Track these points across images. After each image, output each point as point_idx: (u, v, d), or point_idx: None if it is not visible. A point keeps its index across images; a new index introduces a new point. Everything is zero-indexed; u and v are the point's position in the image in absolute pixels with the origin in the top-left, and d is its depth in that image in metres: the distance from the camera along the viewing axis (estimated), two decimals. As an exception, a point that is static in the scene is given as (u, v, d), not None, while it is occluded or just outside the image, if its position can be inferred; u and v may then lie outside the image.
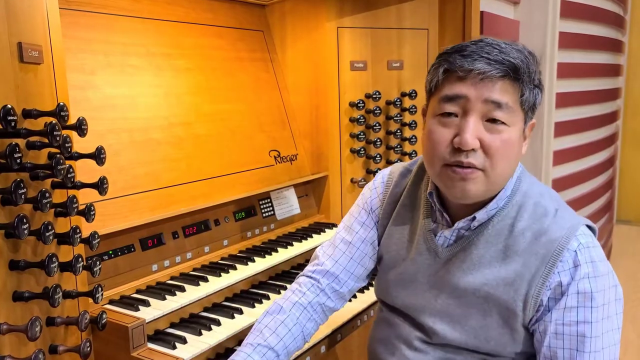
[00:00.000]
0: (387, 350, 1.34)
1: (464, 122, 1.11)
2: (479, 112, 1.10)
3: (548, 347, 1.13)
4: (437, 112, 1.16)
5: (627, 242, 5.55)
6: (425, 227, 1.29)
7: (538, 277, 1.13)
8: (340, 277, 1.39)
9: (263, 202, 2.21)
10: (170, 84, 1.95)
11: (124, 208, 1.66)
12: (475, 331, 1.19)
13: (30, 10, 1.21)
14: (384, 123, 2.47)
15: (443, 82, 1.15)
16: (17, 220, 1.09)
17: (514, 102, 1.11)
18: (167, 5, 2.02)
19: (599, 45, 4.45)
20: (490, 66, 1.08)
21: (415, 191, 1.36)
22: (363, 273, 1.42)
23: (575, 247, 1.12)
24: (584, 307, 1.10)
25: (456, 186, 1.14)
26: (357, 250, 1.40)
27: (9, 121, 1.09)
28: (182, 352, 1.42)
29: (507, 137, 1.11)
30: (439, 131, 1.14)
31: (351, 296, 1.47)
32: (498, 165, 1.12)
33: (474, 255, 1.20)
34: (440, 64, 1.16)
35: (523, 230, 1.17)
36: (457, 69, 1.11)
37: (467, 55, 1.10)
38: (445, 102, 1.14)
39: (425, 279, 1.27)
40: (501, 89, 1.10)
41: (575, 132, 4.18)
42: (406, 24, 2.46)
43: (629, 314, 3.93)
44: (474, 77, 1.10)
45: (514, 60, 1.09)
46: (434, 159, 1.16)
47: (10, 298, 1.15)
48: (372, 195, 1.43)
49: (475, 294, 1.18)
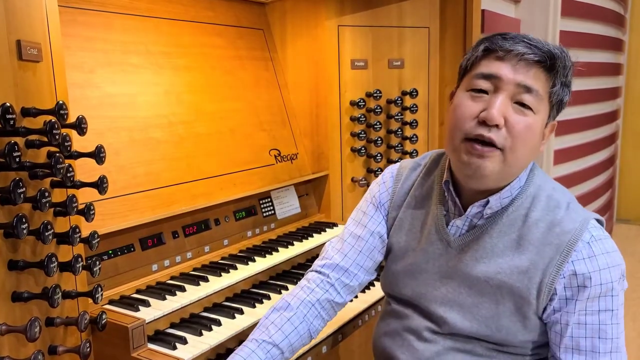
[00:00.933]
0: (396, 343, 1.33)
1: (494, 98, 1.14)
2: (510, 92, 1.13)
3: (570, 338, 1.16)
4: (469, 88, 1.19)
5: (626, 241, 5.56)
6: (437, 217, 1.30)
7: (552, 266, 1.15)
8: (350, 270, 1.39)
9: (263, 201, 2.20)
10: (170, 82, 1.94)
11: (124, 207, 1.65)
12: (487, 320, 1.20)
13: (29, 8, 1.20)
14: (384, 122, 2.46)
15: (481, 59, 1.18)
16: (16, 219, 1.08)
17: (544, 91, 1.15)
18: (166, 4, 2.01)
19: (599, 44, 4.45)
20: (530, 49, 1.12)
21: (426, 182, 1.37)
22: (372, 266, 1.43)
23: (588, 239, 1.15)
24: (605, 297, 1.14)
25: (472, 162, 1.15)
26: (365, 243, 1.40)
27: (8, 119, 1.08)
28: (182, 353, 1.41)
29: (531, 122, 1.14)
30: (468, 104, 1.17)
31: (360, 290, 1.48)
32: (517, 148, 1.14)
33: (488, 244, 1.21)
34: (481, 42, 1.19)
35: (537, 220, 1.19)
36: (497, 48, 1.15)
37: (509, 38, 1.15)
38: (479, 78, 1.17)
39: (436, 269, 1.29)
40: (535, 75, 1.13)
41: (575, 131, 4.17)
42: (407, 22, 2.45)
43: (629, 312, 3.93)
44: (512, 59, 1.13)
45: (553, 50, 1.13)
46: (456, 131, 1.18)
47: (9, 298, 1.14)
48: (380, 189, 1.44)
49: (488, 282, 1.20)
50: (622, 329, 1.17)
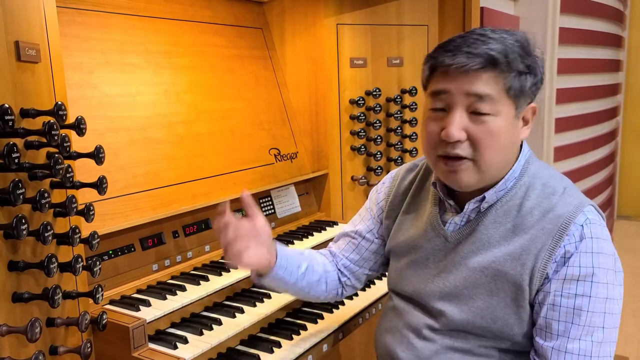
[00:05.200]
0: (396, 340, 1.35)
1: (450, 116, 1.16)
2: (463, 104, 1.15)
3: (544, 318, 1.15)
4: (429, 107, 1.22)
5: (627, 238, 5.55)
6: (433, 216, 1.32)
7: (544, 250, 1.15)
8: (350, 267, 1.49)
9: (264, 200, 2.20)
10: (170, 82, 1.94)
11: (124, 207, 1.65)
12: (482, 312, 1.21)
13: (27, 9, 1.20)
14: (384, 120, 2.46)
15: (429, 78, 1.21)
16: (16, 220, 1.08)
17: (498, 92, 1.14)
18: (164, 3, 2.00)
19: (599, 40, 4.45)
20: (469, 59, 1.12)
21: (423, 183, 1.41)
22: (373, 265, 1.50)
23: (583, 221, 1.14)
24: (584, 282, 1.12)
25: (449, 177, 1.20)
26: (363, 238, 1.48)
27: (7, 121, 1.08)
28: (183, 352, 1.41)
29: (492, 127, 1.14)
30: (430, 125, 1.21)
31: (364, 284, 1.58)
32: (485, 154, 1.15)
33: (484, 235, 1.22)
34: (427, 60, 1.21)
35: (531, 208, 1.19)
36: (439, 65, 1.16)
37: (449, 50, 1.15)
38: (433, 97, 1.20)
39: (435, 264, 1.30)
40: (483, 80, 1.13)
41: (575, 128, 4.17)
42: (406, 20, 2.45)
43: (631, 309, 3.93)
44: (454, 71, 1.13)
45: (491, 52, 1.12)
46: (428, 151, 1.23)
47: (9, 299, 1.14)
48: (379, 190, 1.51)
49: (483, 272, 1.21)
50: (610, 325, 1.12)
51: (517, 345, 1.22)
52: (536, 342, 1.17)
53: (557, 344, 1.13)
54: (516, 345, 1.22)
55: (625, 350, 3.44)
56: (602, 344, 1.12)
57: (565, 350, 1.12)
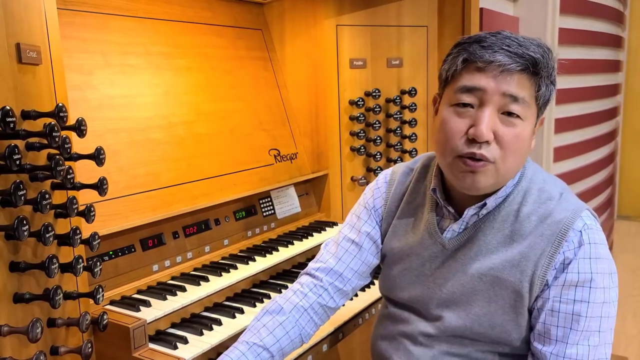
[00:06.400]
0: (392, 347, 1.34)
1: (480, 114, 1.11)
2: (496, 104, 1.11)
3: (543, 324, 1.15)
4: (452, 102, 1.16)
5: (627, 238, 5.55)
6: (430, 222, 1.30)
7: (544, 257, 1.14)
8: (343, 275, 1.38)
9: (263, 201, 2.20)
10: (170, 83, 1.94)
11: (125, 208, 1.66)
12: (480, 318, 1.20)
13: (28, 11, 1.20)
14: (383, 121, 2.46)
15: (461, 72, 1.14)
16: (17, 221, 1.08)
17: (530, 97, 1.12)
18: (164, 5, 2.01)
19: (598, 41, 4.44)
20: (511, 59, 1.08)
21: (418, 188, 1.37)
22: (366, 271, 1.41)
23: (581, 227, 1.14)
24: (583, 287, 1.12)
25: (466, 178, 1.15)
26: (360, 248, 1.39)
27: (8, 122, 1.09)
28: (183, 352, 1.41)
29: (520, 131, 1.12)
30: (454, 121, 1.14)
31: (353, 294, 1.47)
32: (509, 159, 1.13)
33: (482, 242, 1.21)
34: (459, 53, 1.15)
35: (529, 214, 1.18)
36: (477, 60, 1.11)
37: (488, 47, 1.10)
38: (462, 92, 1.13)
39: (431, 271, 1.28)
40: (519, 82, 1.10)
41: (575, 129, 4.17)
42: (405, 21, 2.45)
43: (630, 309, 3.93)
44: (494, 69, 1.09)
45: (534, 55, 1.10)
46: (447, 149, 1.16)
47: (10, 300, 1.15)
48: (374, 194, 1.44)
49: (482, 279, 1.19)
50: (607, 328, 1.13)
51: (514, 349, 1.21)
52: (534, 347, 1.17)
53: (556, 349, 1.13)
54: (513, 350, 1.22)
55: (626, 351, 3.44)
56: (598, 347, 1.13)
57: (564, 356, 1.12)
